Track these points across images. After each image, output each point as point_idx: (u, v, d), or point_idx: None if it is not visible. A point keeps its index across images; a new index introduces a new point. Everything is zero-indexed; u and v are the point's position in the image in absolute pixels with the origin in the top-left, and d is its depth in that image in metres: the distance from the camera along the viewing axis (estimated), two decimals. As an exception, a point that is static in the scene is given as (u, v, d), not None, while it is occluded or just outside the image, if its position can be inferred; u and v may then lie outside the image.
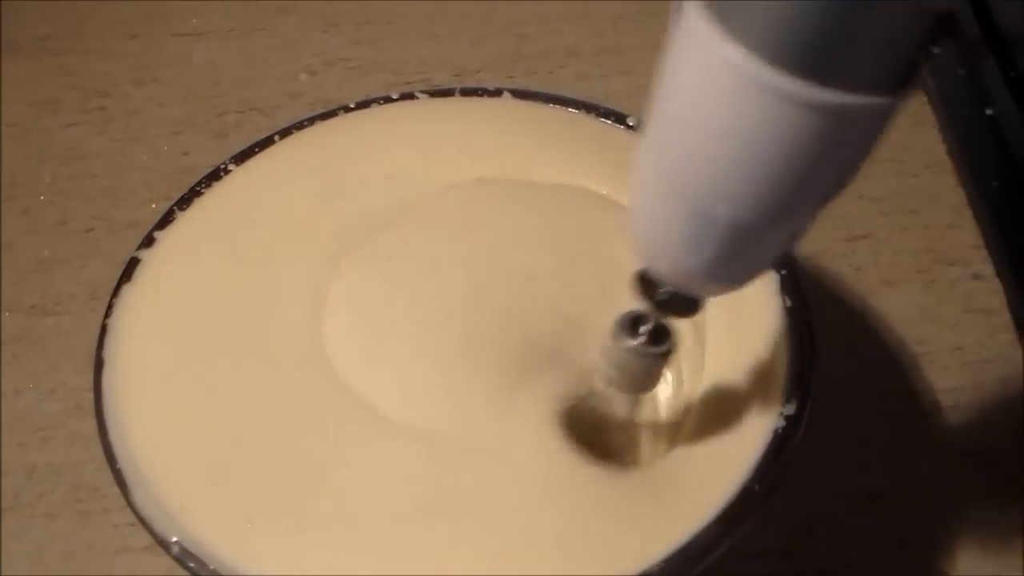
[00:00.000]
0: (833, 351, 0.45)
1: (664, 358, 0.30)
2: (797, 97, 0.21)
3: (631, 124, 0.41)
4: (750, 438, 0.32)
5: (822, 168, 0.23)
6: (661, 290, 0.28)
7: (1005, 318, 0.47)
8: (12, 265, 0.51)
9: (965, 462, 0.43)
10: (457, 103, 0.42)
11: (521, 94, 0.42)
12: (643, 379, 0.32)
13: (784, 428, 0.32)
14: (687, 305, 0.28)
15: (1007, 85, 0.53)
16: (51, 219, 0.53)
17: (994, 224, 0.50)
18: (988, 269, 0.49)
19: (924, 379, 0.46)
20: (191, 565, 0.30)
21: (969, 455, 0.43)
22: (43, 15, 0.62)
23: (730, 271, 0.27)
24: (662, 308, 0.29)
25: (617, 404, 0.33)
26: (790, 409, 0.33)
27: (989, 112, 0.54)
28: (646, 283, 0.28)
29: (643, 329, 0.30)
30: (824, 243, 0.50)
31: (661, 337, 0.30)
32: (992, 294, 0.48)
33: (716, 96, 0.23)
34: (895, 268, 0.49)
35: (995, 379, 0.45)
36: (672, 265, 0.27)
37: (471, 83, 0.57)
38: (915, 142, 0.54)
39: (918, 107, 0.56)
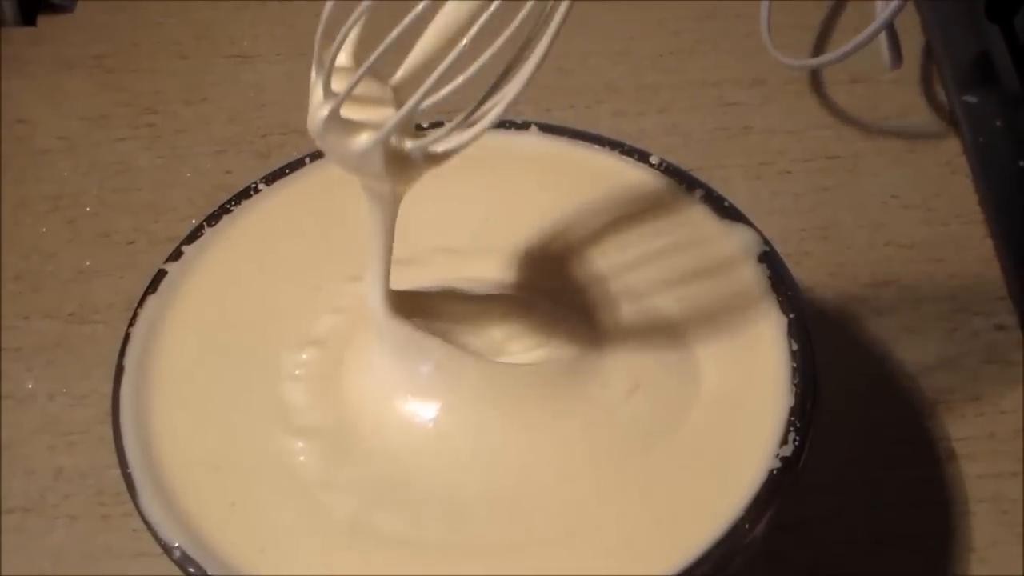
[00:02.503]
0: (849, 395, 0.46)
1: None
2: None
3: (653, 163, 0.42)
4: (745, 476, 0.33)
5: None
6: None
7: (1025, 370, 0.47)
8: (54, 274, 0.53)
9: (976, 511, 0.43)
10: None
11: (548, 128, 0.43)
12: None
13: (779, 470, 0.33)
14: None
15: (1043, 138, 0.53)
16: (95, 230, 0.55)
17: (1021, 275, 0.50)
18: (1012, 320, 0.49)
19: (940, 427, 0.46)
20: (191, 571, 0.31)
21: (980, 504, 0.43)
22: (99, 34, 0.64)
23: None
24: None
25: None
26: (787, 451, 0.33)
27: (1023, 164, 0.54)
28: None
29: None
30: (847, 287, 0.50)
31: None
32: (1014, 345, 0.48)
33: None
34: (917, 315, 0.49)
35: (1011, 431, 0.45)
36: None
37: (510, 114, 0.58)
38: (947, 191, 0.55)
39: (952, 157, 0.56)
